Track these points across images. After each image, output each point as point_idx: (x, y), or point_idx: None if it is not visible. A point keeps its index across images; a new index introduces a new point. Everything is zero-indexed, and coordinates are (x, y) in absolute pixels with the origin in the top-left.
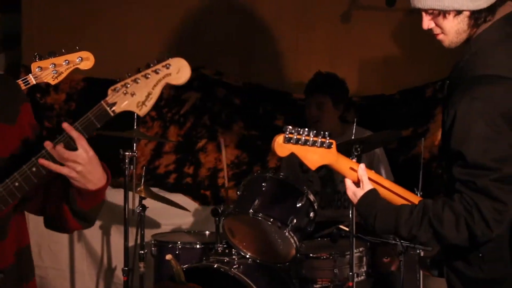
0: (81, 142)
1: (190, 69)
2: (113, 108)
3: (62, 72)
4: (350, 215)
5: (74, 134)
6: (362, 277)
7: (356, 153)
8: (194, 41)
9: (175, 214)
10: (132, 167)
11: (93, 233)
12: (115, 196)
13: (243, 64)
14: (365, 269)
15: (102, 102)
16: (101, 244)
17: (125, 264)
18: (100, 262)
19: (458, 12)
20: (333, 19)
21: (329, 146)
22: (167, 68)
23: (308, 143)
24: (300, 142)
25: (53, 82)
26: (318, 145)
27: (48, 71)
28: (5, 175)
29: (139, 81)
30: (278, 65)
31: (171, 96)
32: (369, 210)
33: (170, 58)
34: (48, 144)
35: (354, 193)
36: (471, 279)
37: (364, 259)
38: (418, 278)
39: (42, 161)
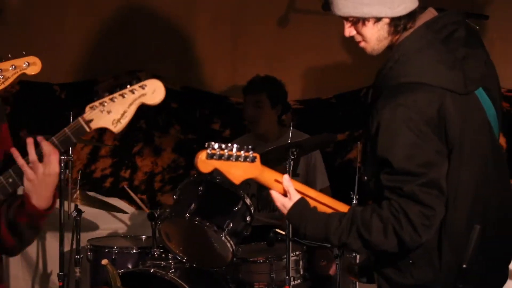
0: (55, 156)
1: (165, 90)
2: (90, 125)
3: (8, 77)
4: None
5: (46, 148)
6: (299, 281)
7: (292, 157)
8: (130, 44)
9: (111, 218)
10: (67, 171)
11: None
12: None
13: (180, 68)
14: (302, 272)
15: (80, 118)
16: (36, 249)
17: (61, 269)
18: (35, 267)
19: (377, 19)
20: (270, 22)
21: (253, 160)
22: (143, 88)
23: (231, 158)
24: (223, 157)
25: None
26: (242, 160)
27: None
28: None
29: (115, 100)
30: (215, 69)
31: None
32: (299, 220)
33: (146, 80)
34: (14, 151)
35: (283, 204)
36: (401, 285)
37: (301, 262)
38: (354, 282)
39: (13, 149)
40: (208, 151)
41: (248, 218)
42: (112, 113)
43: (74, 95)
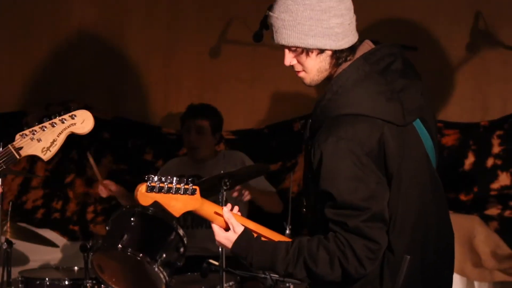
0: None
1: (94, 121)
2: (20, 152)
3: None
4: (220, 249)
5: None
6: None
7: (225, 187)
8: (61, 74)
9: (43, 249)
10: None
11: None
12: None
13: (111, 98)
14: None
15: (10, 146)
16: None
17: None
18: None
19: (321, 51)
20: (202, 53)
21: (192, 193)
22: (73, 118)
23: (171, 191)
24: (163, 190)
25: None
26: (182, 192)
27: None
28: None
29: (45, 128)
30: (147, 99)
31: None
32: (246, 251)
33: (76, 110)
34: None
35: (227, 238)
36: None
37: None
38: None
39: None
40: (148, 183)
41: (181, 249)
42: (42, 141)
43: (3, 126)
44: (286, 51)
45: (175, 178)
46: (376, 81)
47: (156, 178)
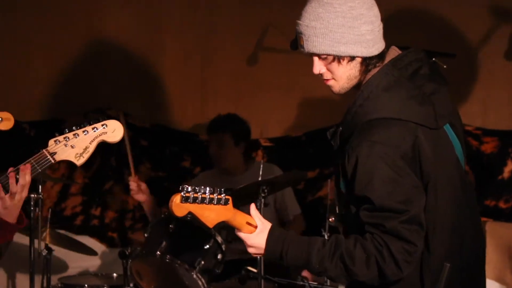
0: (23, 185)
1: (124, 130)
2: (54, 157)
3: None
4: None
5: (27, 177)
6: None
7: (263, 195)
8: (99, 82)
9: (82, 256)
10: (37, 209)
11: None
12: (20, 238)
13: (149, 105)
14: None
15: (44, 150)
16: (6, 287)
17: None
18: None
19: (352, 58)
20: (239, 61)
21: (225, 203)
22: (104, 128)
23: (205, 201)
24: (197, 201)
25: None
26: (215, 203)
27: None
28: None
29: (78, 136)
30: (184, 106)
31: None
32: (279, 245)
33: (107, 119)
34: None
35: (256, 237)
36: None
37: None
38: None
39: None
40: (183, 194)
41: (219, 256)
42: (75, 148)
43: (43, 133)
44: (316, 59)
45: (208, 188)
46: (406, 85)
47: (190, 188)
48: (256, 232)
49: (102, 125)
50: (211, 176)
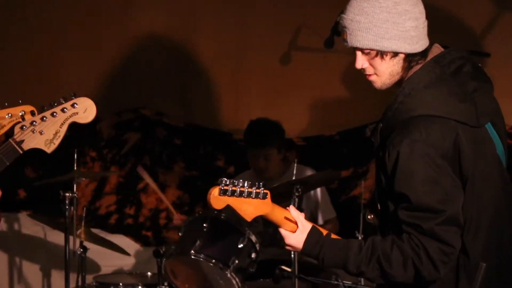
0: None
1: (96, 109)
2: (22, 146)
3: (4, 125)
4: (292, 255)
5: None
6: None
7: (297, 194)
8: (133, 81)
9: (116, 255)
10: (72, 208)
11: (34, 275)
12: (55, 237)
13: (183, 105)
14: None
15: (10, 140)
16: (42, 286)
17: None
18: None
19: (395, 54)
20: (272, 60)
21: (264, 197)
22: (74, 107)
23: (243, 194)
24: (235, 194)
25: None
26: (253, 196)
27: None
28: None
29: (46, 119)
30: (218, 105)
31: (112, 136)
32: (317, 248)
33: (76, 97)
34: None
35: (296, 238)
36: None
37: None
38: None
39: None
40: (221, 187)
41: (253, 255)
42: (44, 134)
43: (76, 132)
44: (359, 53)
45: (246, 182)
46: (448, 83)
47: (228, 181)
48: (296, 232)
49: (72, 104)
50: (248, 177)
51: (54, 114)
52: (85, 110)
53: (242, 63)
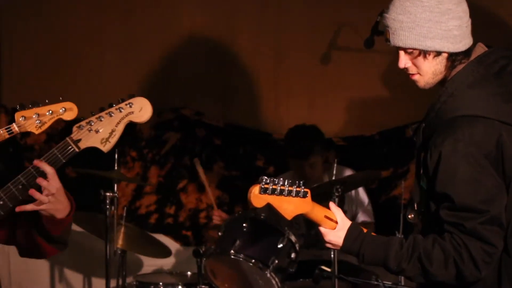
0: (52, 175)
1: (152, 108)
2: (78, 144)
3: (45, 122)
4: (332, 255)
5: (47, 168)
6: None
7: (337, 194)
8: (173, 81)
9: (156, 254)
10: (113, 207)
11: (75, 275)
12: (95, 237)
13: (223, 105)
14: None
15: (67, 138)
16: (82, 285)
17: None
18: None
19: (438, 53)
20: (312, 59)
21: (304, 195)
22: (130, 106)
23: (283, 193)
24: (276, 192)
25: (36, 132)
26: (294, 195)
27: (32, 120)
28: None
29: (103, 119)
30: (258, 105)
31: (152, 136)
32: (357, 244)
33: (132, 97)
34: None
35: (336, 234)
36: None
37: None
38: None
39: (19, 207)
40: (262, 185)
41: (293, 255)
42: (100, 133)
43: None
44: (402, 53)
45: (287, 180)
46: (492, 83)
47: (269, 180)
48: (336, 229)
49: (128, 104)
50: (289, 178)
51: (111, 113)
52: (140, 109)
53: (281, 63)
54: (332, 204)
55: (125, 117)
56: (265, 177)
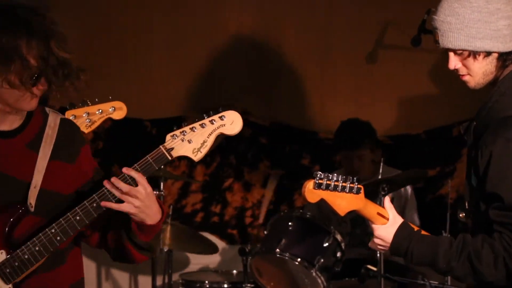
0: (141, 180)
1: (242, 122)
2: (171, 153)
3: (95, 121)
4: (378, 255)
5: (133, 174)
6: None
7: (383, 193)
8: (219, 80)
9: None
10: None
11: (121, 273)
12: None
13: (269, 104)
14: None
15: (161, 147)
16: (129, 283)
17: None
18: None
19: (488, 54)
20: (358, 58)
21: (357, 192)
22: (222, 119)
23: (337, 189)
24: (330, 188)
25: (86, 131)
26: (347, 191)
27: (82, 119)
28: (65, 210)
29: (195, 129)
30: (304, 104)
31: None
32: (407, 242)
33: (225, 110)
34: (107, 183)
35: (386, 230)
36: None
37: None
38: None
39: (104, 203)
40: (316, 180)
41: (338, 254)
42: (193, 143)
43: (164, 131)
44: (451, 54)
45: (341, 176)
46: None
47: (323, 175)
48: (387, 224)
49: (220, 116)
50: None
51: (203, 125)
52: (232, 122)
53: (328, 62)
54: (387, 200)
55: (216, 129)
56: (320, 172)
